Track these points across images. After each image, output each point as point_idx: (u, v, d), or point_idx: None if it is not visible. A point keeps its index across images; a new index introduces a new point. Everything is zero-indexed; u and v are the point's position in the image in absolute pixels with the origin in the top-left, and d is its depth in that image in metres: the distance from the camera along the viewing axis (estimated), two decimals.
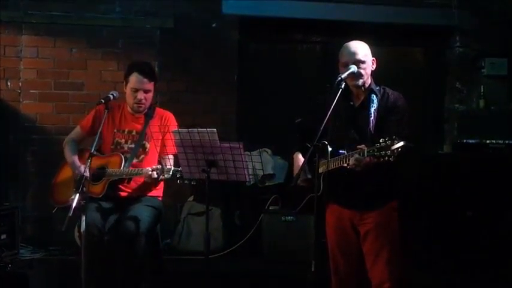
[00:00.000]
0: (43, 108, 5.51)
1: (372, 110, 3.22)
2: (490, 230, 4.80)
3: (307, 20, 5.78)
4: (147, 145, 3.99)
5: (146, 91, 3.93)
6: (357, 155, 2.99)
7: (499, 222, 4.82)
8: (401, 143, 2.82)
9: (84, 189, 3.33)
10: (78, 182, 3.37)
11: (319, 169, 3.10)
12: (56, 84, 5.52)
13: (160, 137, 3.93)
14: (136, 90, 3.92)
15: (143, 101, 3.94)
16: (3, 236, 4.61)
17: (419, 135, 5.86)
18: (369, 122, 3.19)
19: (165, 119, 4.04)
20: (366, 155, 2.94)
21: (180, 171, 3.58)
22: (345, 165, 3.06)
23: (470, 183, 4.88)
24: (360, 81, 3.24)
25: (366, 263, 3.29)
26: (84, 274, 3.31)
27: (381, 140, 2.88)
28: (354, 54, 3.23)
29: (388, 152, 2.84)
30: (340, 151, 3.17)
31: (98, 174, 3.86)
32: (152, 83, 3.96)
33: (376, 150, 2.89)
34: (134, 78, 3.91)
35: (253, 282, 4.53)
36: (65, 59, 5.52)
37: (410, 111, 3.27)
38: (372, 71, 3.30)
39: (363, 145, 2.98)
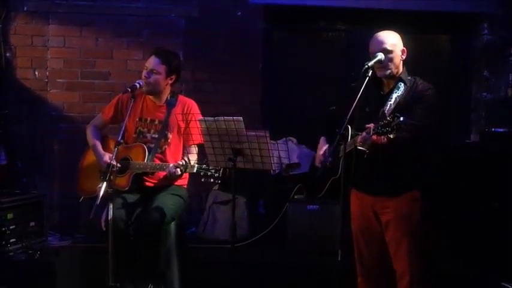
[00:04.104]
0: (70, 97, 5.56)
1: (394, 95, 3.22)
2: None
3: (332, 7, 5.72)
4: (169, 136, 3.96)
5: (152, 71, 3.89)
6: (364, 133, 3.04)
7: None
8: (400, 119, 2.83)
9: (112, 177, 3.37)
10: (105, 171, 3.41)
11: (340, 153, 3.14)
12: (82, 74, 5.56)
13: (184, 126, 3.91)
14: (145, 68, 3.92)
15: (144, 79, 3.87)
16: (32, 224, 4.69)
17: (446, 124, 5.79)
18: (385, 105, 3.20)
19: (187, 107, 3.99)
20: (371, 133, 2.98)
21: (204, 169, 3.52)
22: (358, 146, 3.10)
23: (497, 173, 4.80)
24: (388, 72, 3.23)
25: (390, 252, 3.29)
26: (111, 261, 3.35)
27: (388, 118, 2.90)
28: (381, 43, 3.23)
29: (389, 129, 2.87)
30: None
31: (122, 166, 3.81)
32: (163, 66, 3.89)
33: (379, 127, 2.92)
34: (149, 58, 3.95)
35: (279, 271, 4.52)
36: (90, 48, 5.56)
37: (439, 103, 3.23)
38: (402, 61, 3.27)
39: (371, 124, 3.00)
